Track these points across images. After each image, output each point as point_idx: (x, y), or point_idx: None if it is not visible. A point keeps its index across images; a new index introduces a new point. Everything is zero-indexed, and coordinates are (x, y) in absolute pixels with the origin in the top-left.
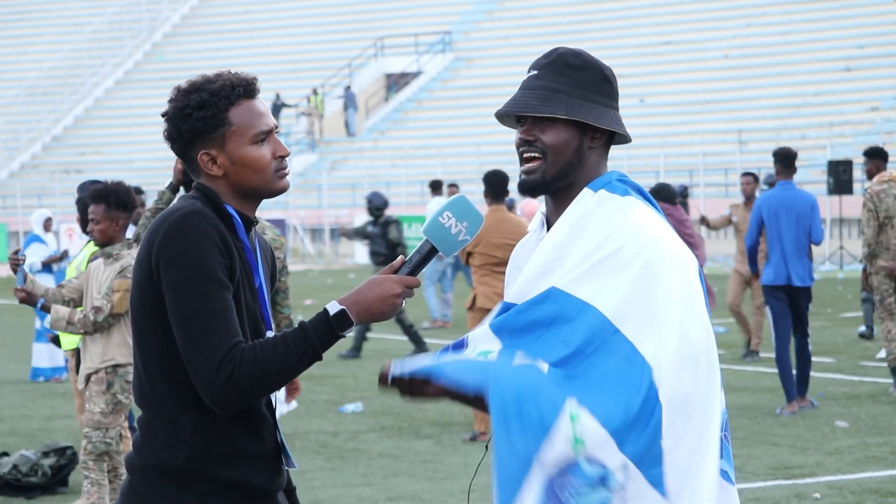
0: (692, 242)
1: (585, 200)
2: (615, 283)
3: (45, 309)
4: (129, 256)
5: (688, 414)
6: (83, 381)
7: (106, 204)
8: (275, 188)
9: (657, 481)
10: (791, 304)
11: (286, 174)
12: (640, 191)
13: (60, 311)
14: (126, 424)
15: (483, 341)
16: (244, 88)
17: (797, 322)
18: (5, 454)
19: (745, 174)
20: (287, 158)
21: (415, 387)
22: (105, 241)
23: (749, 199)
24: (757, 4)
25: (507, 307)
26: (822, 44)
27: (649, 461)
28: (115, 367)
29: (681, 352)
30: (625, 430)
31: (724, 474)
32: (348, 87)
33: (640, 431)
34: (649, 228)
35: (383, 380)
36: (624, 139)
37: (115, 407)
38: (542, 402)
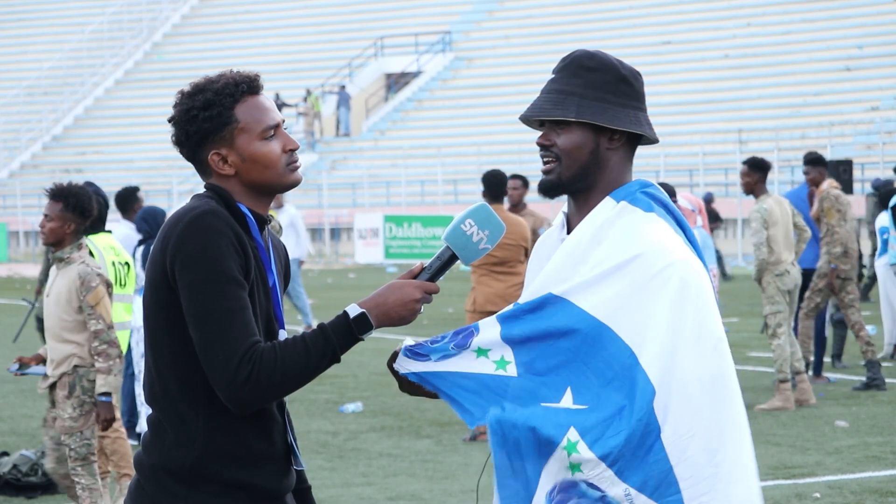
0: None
1: (607, 210)
2: (629, 303)
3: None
4: (80, 261)
5: (706, 441)
6: (47, 389)
7: (64, 204)
8: (287, 182)
9: None
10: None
11: (297, 167)
12: (663, 204)
13: (99, 380)
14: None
15: (495, 347)
16: (248, 85)
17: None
18: (5, 454)
19: (514, 177)
20: (296, 152)
21: (412, 386)
22: (53, 241)
23: (516, 205)
24: (757, 4)
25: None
26: (821, 44)
27: (664, 489)
28: (76, 367)
29: (692, 379)
30: (624, 458)
31: None
32: (342, 87)
33: (641, 460)
34: (669, 250)
35: (391, 361)
36: (650, 139)
37: (83, 409)
38: (540, 433)
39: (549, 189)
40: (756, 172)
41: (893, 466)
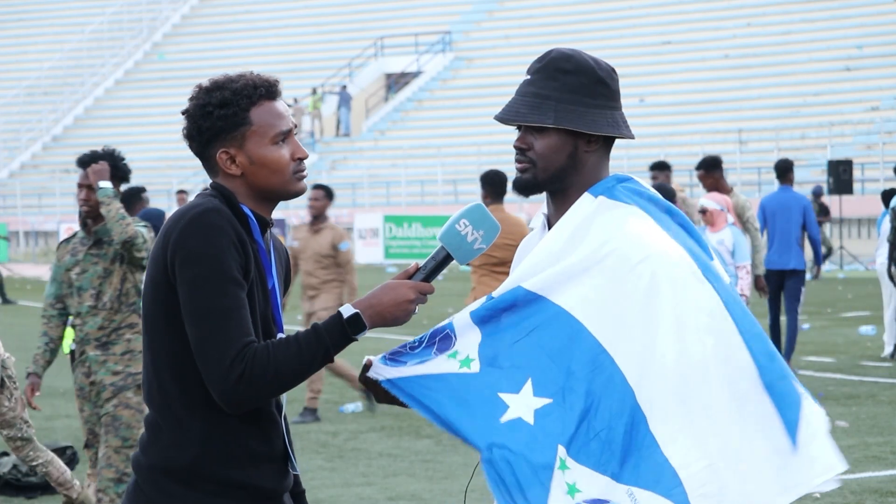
0: None
1: (585, 206)
2: (604, 299)
3: None
4: None
5: (701, 425)
6: None
7: None
8: (292, 189)
9: (683, 500)
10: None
11: (304, 176)
12: (643, 195)
13: None
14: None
15: (465, 342)
16: (266, 89)
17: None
18: (5, 454)
19: (317, 187)
20: (305, 161)
21: (388, 394)
22: None
23: (317, 217)
24: (757, 4)
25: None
26: (821, 44)
27: (666, 483)
28: None
29: (673, 370)
30: (617, 461)
31: None
32: (344, 87)
33: (633, 456)
34: (645, 243)
35: (363, 373)
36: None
37: (14, 395)
38: (533, 460)
39: (524, 188)
40: (716, 171)
41: (893, 466)
